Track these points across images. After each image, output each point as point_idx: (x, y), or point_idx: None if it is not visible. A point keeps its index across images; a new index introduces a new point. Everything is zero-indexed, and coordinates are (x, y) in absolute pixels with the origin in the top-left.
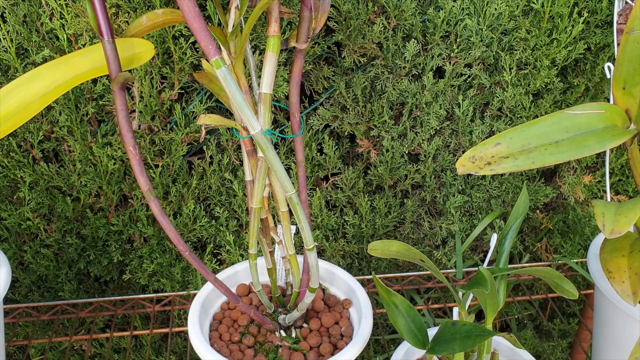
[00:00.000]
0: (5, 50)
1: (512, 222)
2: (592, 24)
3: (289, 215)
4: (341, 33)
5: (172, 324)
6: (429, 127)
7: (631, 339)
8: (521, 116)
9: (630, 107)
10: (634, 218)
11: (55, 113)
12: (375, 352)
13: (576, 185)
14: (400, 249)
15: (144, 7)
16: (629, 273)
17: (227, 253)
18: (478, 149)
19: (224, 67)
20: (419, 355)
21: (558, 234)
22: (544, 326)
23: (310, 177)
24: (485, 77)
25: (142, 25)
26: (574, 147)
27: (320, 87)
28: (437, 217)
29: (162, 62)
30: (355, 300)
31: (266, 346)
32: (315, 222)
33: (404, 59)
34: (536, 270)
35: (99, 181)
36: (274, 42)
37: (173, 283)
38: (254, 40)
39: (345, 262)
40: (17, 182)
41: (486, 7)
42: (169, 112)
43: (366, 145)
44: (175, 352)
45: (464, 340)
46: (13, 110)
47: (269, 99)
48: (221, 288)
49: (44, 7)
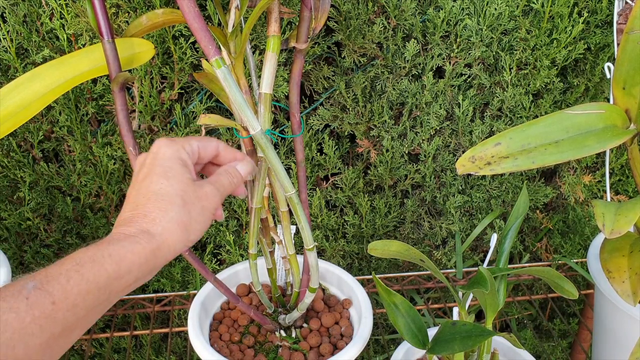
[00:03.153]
0: (5, 50)
1: (512, 222)
2: (592, 24)
3: (289, 215)
4: (341, 33)
5: (172, 324)
6: (429, 127)
7: (631, 339)
8: (521, 116)
9: (630, 107)
10: (633, 218)
11: (55, 113)
12: (375, 352)
13: (576, 185)
14: (400, 249)
15: (144, 7)
16: (629, 273)
17: (227, 253)
18: (478, 149)
19: (223, 67)
20: (419, 355)
21: (558, 234)
22: (544, 326)
23: (310, 177)
24: (485, 77)
25: (142, 25)
26: (574, 147)
27: (320, 87)
28: (437, 217)
29: (162, 62)
30: (355, 300)
31: (266, 346)
32: (315, 222)
33: (404, 59)
34: (536, 270)
35: (99, 181)
36: (274, 42)
37: (173, 283)
38: (253, 40)
39: (345, 262)
40: (17, 182)
41: (486, 7)
42: (169, 112)
43: (366, 145)
44: (175, 352)
45: (464, 340)
46: (13, 110)
47: (269, 99)
48: (221, 288)
49: (44, 7)
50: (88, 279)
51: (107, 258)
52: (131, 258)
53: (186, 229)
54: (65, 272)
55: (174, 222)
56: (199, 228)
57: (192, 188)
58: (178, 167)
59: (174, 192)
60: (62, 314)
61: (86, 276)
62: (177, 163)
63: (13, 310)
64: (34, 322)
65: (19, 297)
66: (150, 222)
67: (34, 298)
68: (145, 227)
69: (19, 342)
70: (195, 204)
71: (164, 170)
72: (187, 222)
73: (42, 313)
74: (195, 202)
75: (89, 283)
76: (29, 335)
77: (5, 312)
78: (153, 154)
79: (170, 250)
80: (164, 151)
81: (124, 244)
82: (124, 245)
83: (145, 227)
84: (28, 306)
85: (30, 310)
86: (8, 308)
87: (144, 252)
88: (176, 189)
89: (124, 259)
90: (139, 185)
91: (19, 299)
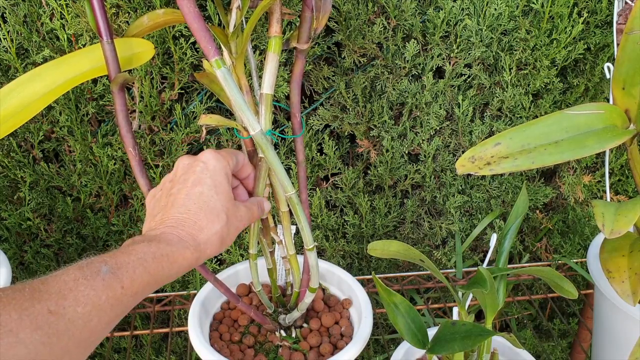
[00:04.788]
0: (5, 50)
1: (512, 222)
2: (591, 24)
3: (290, 215)
4: (341, 33)
5: (172, 324)
6: (429, 127)
7: (631, 339)
8: (521, 116)
9: (630, 107)
10: (633, 218)
11: (55, 113)
12: (375, 352)
13: (576, 185)
14: (400, 249)
15: (144, 8)
16: (629, 273)
17: (227, 253)
18: (477, 149)
19: (224, 67)
20: (419, 355)
21: (558, 234)
22: (543, 326)
23: (310, 177)
24: (485, 77)
25: (144, 25)
26: (574, 147)
27: (320, 87)
28: (437, 217)
29: (162, 62)
30: (355, 300)
31: (266, 346)
32: (315, 222)
33: (404, 59)
34: (536, 270)
35: (99, 181)
36: (276, 42)
37: (173, 283)
38: (253, 40)
39: (345, 262)
40: (18, 182)
41: (486, 8)
42: (169, 112)
43: (366, 145)
44: (175, 352)
45: (463, 340)
46: (13, 110)
47: (270, 99)
48: (221, 288)
49: (44, 7)
50: (150, 272)
51: (164, 257)
52: (181, 262)
53: (222, 243)
54: (132, 263)
55: (217, 235)
56: (229, 244)
57: (234, 207)
58: (226, 184)
59: (222, 207)
60: (127, 298)
61: (148, 270)
62: (225, 180)
63: (92, 288)
64: (107, 301)
65: (97, 278)
66: (198, 230)
67: (108, 281)
68: (194, 235)
69: (95, 317)
70: (234, 223)
71: (214, 184)
72: (225, 237)
73: (113, 295)
74: (234, 222)
75: (150, 276)
76: (103, 311)
77: (87, 288)
78: (203, 163)
79: (206, 258)
80: (214, 165)
81: (179, 248)
82: (179, 249)
83: (194, 235)
84: (104, 287)
85: (105, 291)
86: (89, 286)
87: (191, 258)
88: (223, 206)
89: (176, 261)
90: (190, 191)
91: (97, 279)
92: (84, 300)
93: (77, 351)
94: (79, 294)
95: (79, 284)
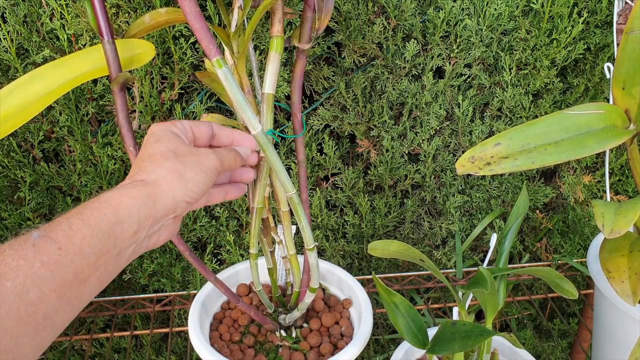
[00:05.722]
0: (5, 51)
1: (512, 222)
2: (591, 24)
3: (290, 215)
4: (341, 33)
5: (172, 324)
6: (429, 127)
7: (631, 339)
8: (521, 116)
9: (630, 107)
10: (633, 218)
11: (55, 113)
12: (375, 351)
13: (576, 185)
14: (400, 249)
15: (144, 7)
16: (629, 273)
17: (227, 253)
18: (477, 149)
19: (224, 67)
20: (419, 355)
21: (558, 233)
22: (543, 326)
23: (311, 177)
24: (485, 77)
25: (145, 24)
26: (574, 147)
27: (320, 87)
28: (437, 217)
29: (162, 62)
30: (355, 300)
31: (266, 346)
32: (315, 222)
33: (404, 59)
34: (536, 270)
35: (99, 181)
36: (277, 42)
37: (173, 283)
38: (253, 40)
39: (345, 262)
40: (18, 182)
41: (486, 8)
42: (169, 112)
43: (366, 145)
44: (175, 352)
45: (463, 340)
46: (14, 110)
47: (271, 99)
48: (221, 288)
49: (44, 8)
50: (89, 223)
51: (104, 203)
52: (128, 201)
53: (181, 177)
54: (67, 220)
55: (166, 170)
56: (197, 178)
57: (185, 146)
58: (169, 135)
59: (166, 149)
60: (70, 258)
61: (87, 221)
62: (169, 133)
63: (22, 257)
64: (43, 266)
65: (26, 246)
66: (143, 173)
67: (40, 245)
68: (139, 178)
69: (32, 287)
70: (189, 156)
71: (156, 138)
72: (180, 170)
73: (50, 258)
74: (189, 155)
75: (92, 227)
76: (41, 279)
77: (14, 259)
78: (148, 134)
79: (168, 195)
80: (155, 128)
81: (120, 190)
82: (120, 191)
83: (139, 178)
84: (35, 252)
85: (38, 256)
86: (17, 255)
87: (140, 195)
88: (168, 147)
89: (121, 202)
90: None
91: (26, 247)
92: (13, 273)
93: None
94: (5, 267)
95: (5, 256)
